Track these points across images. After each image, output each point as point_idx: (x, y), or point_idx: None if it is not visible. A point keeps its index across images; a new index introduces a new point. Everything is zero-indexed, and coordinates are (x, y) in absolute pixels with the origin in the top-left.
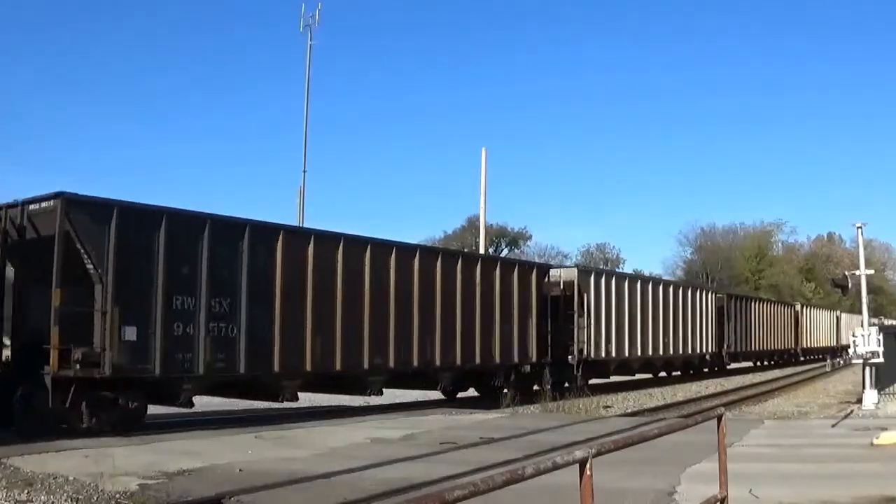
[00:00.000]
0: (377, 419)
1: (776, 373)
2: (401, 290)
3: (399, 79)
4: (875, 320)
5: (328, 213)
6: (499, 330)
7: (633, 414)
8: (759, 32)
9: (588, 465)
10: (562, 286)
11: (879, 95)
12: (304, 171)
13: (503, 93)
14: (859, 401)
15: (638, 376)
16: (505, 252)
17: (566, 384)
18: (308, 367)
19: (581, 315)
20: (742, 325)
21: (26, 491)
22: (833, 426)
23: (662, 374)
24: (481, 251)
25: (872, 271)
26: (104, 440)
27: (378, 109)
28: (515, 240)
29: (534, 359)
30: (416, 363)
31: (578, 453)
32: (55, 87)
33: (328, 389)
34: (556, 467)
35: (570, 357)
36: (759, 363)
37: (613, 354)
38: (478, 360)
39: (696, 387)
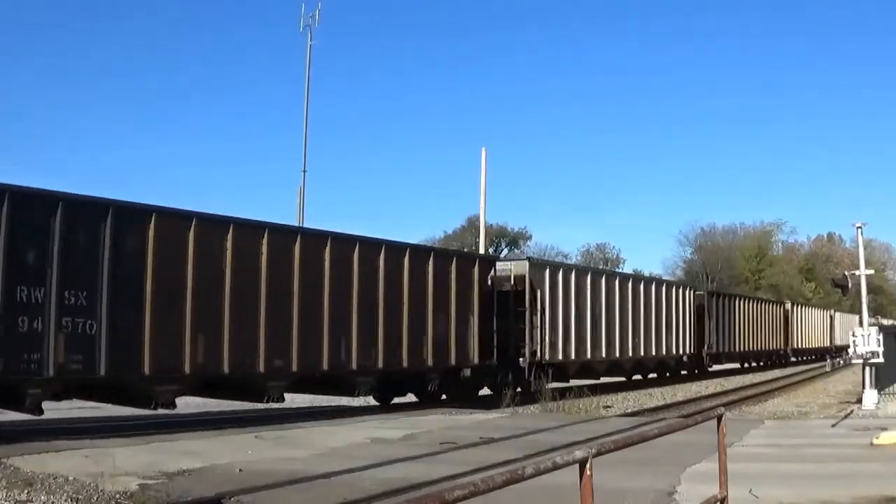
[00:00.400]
0: (377, 419)
1: (776, 373)
2: (308, 284)
3: (399, 79)
4: (872, 320)
5: (328, 213)
6: (432, 329)
7: (633, 414)
8: (759, 32)
9: (588, 465)
10: (512, 281)
11: (879, 95)
12: (304, 171)
13: (503, 93)
14: (859, 401)
15: (604, 379)
16: (505, 252)
17: (518, 388)
18: (187, 370)
19: (535, 313)
20: (725, 325)
21: (26, 491)
22: (833, 426)
23: (637, 377)
24: (481, 251)
25: (872, 271)
26: (104, 440)
27: (378, 109)
28: (515, 240)
29: (475, 361)
30: (325, 366)
31: (578, 453)
32: (55, 87)
33: (216, 394)
34: (556, 467)
35: (521, 359)
36: (745, 365)
37: (573, 356)
38: (405, 362)
39: (695, 387)
